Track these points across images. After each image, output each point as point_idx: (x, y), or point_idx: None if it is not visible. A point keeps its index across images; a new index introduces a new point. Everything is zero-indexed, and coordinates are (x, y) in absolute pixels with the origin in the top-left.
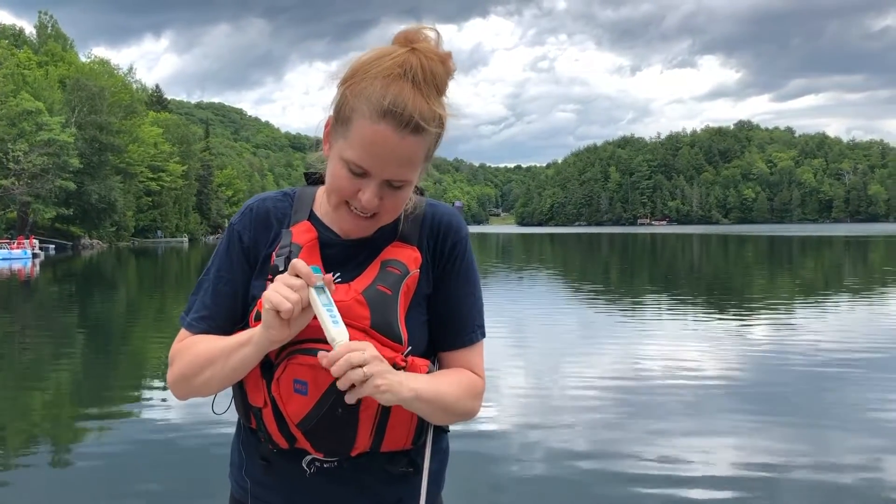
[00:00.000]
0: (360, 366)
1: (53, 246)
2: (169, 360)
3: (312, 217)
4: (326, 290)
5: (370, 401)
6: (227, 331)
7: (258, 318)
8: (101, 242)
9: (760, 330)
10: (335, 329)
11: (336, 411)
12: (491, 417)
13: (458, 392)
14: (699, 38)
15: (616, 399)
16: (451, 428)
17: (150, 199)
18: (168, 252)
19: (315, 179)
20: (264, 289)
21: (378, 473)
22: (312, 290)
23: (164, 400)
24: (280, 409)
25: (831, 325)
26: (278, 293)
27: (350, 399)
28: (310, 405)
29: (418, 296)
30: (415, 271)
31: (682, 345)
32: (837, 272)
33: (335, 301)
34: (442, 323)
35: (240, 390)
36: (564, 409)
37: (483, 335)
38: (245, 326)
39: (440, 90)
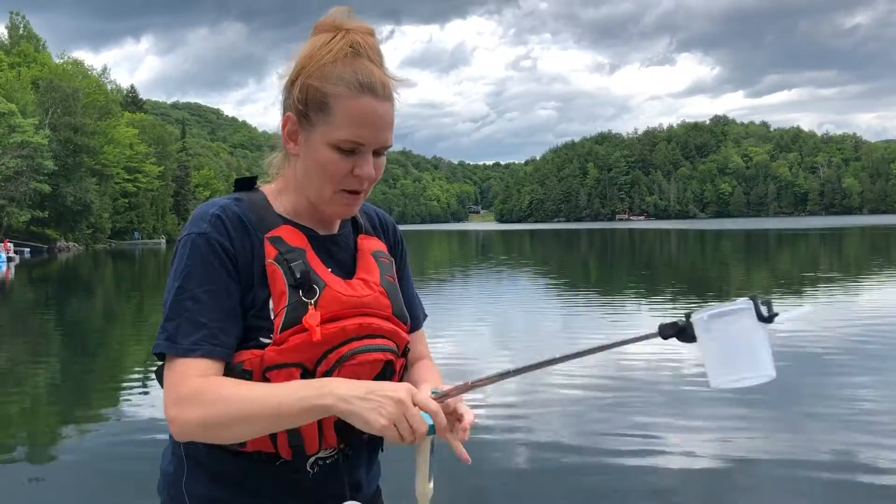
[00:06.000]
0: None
1: (29, 249)
2: (175, 398)
3: (282, 219)
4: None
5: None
6: (232, 348)
7: (287, 327)
8: (77, 245)
9: None
10: (427, 485)
11: None
12: (475, 409)
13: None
14: (677, 35)
15: (598, 393)
16: None
17: (127, 201)
18: (146, 254)
19: (249, 185)
20: (267, 297)
21: (365, 457)
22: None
23: (143, 403)
24: None
25: (807, 316)
26: (409, 425)
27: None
28: None
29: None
30: (392, 259)
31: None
32: (813, 265)
33: (363, 295)
34: None
35: None
36: (547, 404)
37: (426, 317)
38: (253, 340)
39: (383, 60)
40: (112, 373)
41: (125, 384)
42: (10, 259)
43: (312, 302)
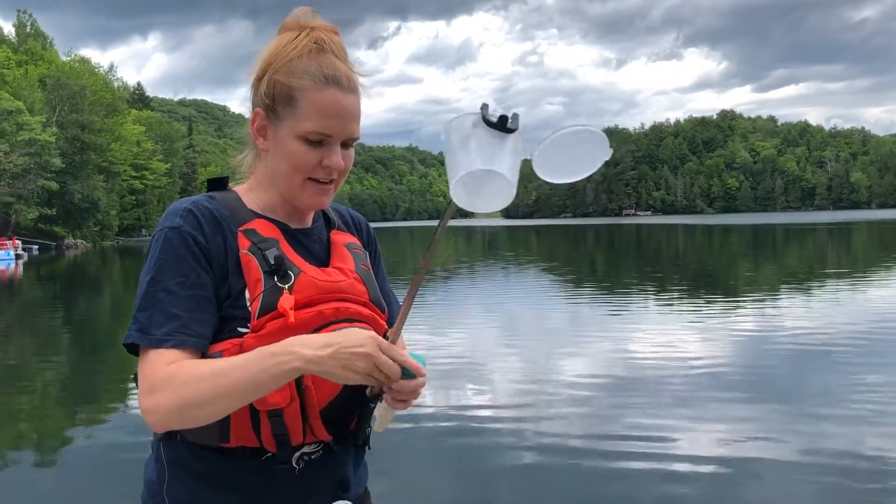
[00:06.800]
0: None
1: (37, 246)
2: (150, 387)
3: (255, 214)
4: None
5: None
6: (207, 339)
7: (264, 313)
8: (85, 242)
9: (746, 317)
10: (389, 412)
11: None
12: (483, 406)
13: None
14: (684, 30)
15: (606, 387)
16: (444, 418)
17: (134, 198)
18: None
19: (221, 185)
20: (242, 287)
21: (352, 452)
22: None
23: None
24: (311, 398)
25: (815, 311)
26: (383, 373)
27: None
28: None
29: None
30: (366, 251)
31: (670, 333)
32: (820, 259)
33: (338, 280)
34: None
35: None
36: (554, 398)
37: None
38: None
39: (347, 56)
40: (120, 370)
41: (133, 382)
42: (18, 256)
43: (287, 287)
